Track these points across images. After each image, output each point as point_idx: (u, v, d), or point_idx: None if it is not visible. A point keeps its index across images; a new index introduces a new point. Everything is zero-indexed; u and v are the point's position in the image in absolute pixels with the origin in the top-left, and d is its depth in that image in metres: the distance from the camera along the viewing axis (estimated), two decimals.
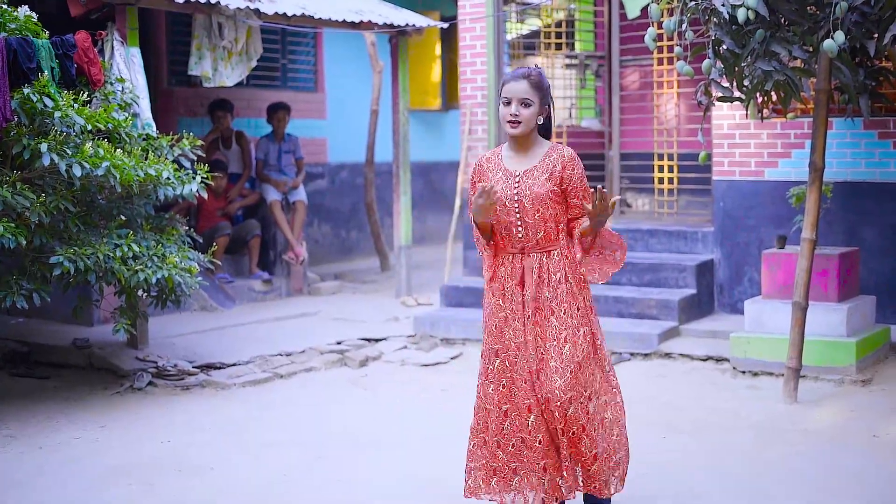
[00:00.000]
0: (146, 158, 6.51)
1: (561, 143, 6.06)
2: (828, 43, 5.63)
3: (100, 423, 6.05)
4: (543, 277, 4.17)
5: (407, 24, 9.25)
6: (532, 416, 4.10)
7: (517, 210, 4.17)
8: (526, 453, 4.12)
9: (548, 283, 4.16)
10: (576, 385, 4.06)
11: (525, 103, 4.14)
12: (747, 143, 8.10)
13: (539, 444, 4.10)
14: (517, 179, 4.19)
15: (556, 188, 4.17)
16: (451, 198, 11.95)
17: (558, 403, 4.03)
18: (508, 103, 4.15)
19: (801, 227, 6.46)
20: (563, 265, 4.18)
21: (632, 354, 7.47)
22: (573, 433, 4.06)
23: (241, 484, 5.00)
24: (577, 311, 4.15)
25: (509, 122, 4.16)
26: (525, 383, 4.12)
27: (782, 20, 6.05)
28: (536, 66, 4.32)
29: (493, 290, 4.24)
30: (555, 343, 4.11)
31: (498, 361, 4.18)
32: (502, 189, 4.18)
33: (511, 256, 4.21)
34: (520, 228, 4.19)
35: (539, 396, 4.08)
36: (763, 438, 5.58)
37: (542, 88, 4.18)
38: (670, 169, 9.23)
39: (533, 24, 11.62)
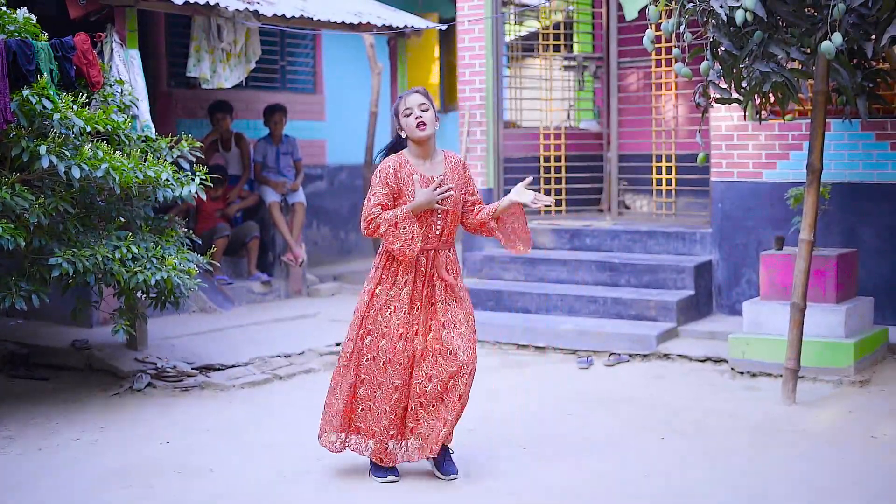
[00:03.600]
0: (145, 160, 6.51)
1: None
2: (825, 44, 5.64)
3: (99, 425, 6.06)
4: (449, 269, 4.95)
5: (405, 26, 9.26)
6: (397, 394, 4.87)
7: (440, 213, 4.93)
8: (384, 420, 4.89)
9: (451, 274, 4.95)
10: (473, 358, 4.90)
11: (423, 108, 4.91)
12: (745, 144, 8.11)
13: (396, 413, 4.90)
14: (438, 184, 4.91)
15: (462, 191, 5.00)
16: None
17: (465, 371, 4.84)
18: (410, 114, 4.90)
19: (799, 229, 6.47)
20: (456, 259, 5.04)
21: (630, 355, 7.48)
22: (458, 397, 4.86)
23: (240, 485, 5.00)
24: (466, 298, 5.01)
25: (418, 125, 4.89)
26: (400, 365, 4.87)
27: (780, 22, 6.06)
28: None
29: (387, 280, 4.92)
30: (455, 325, 4.89)
31: (383, 342, 4.87)
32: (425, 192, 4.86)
33: (421, 252, 4.90)
34: (439, 226, 4.93)
35: (446, 368, 4.84)
36: (761, 439, 5.59)
37: (431, 99, 4.97)
38: (668, 170, 9.24)
39: (531, 25, 11.64)
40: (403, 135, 4.97)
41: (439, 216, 4.91)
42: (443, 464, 5.00)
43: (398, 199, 4.89)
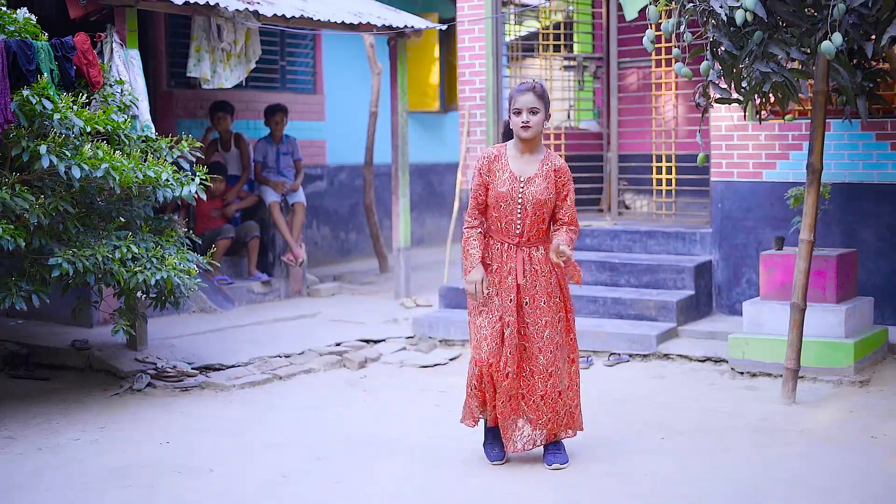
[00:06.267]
0: (145, 160, 6.51)
1: (553, 150, 6.52)
2: (825, 44, 5.65)
3: (99, 425, 6.06)
4: (534, 269, 5.01)
5: (405, 26, 9.26)
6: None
7: (519, 210, 4.97)
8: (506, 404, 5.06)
9: (536, 274, 5.00)
10: (554, 361, 5.01)
11: (533, 111, 4.93)
12: (745, 144, 8.11)
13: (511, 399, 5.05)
14: (522, 184, 4.97)
15: (552, 195, 5.00)
16: (449, 199, 11.98)
17: (542, 374, 4.99)
18: (519, 113, 4.93)
19: (799, 229, 6.48)
20: (547, 260, 5.02)
21: (630, 356, 7.48)
22: (551, 396, 5.03)
23: (240, 485, 5.00)
24: (557, 300, 5.05)
25: (522, 127, 4.93)
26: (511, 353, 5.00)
27: (780, 22, 6.07)
28: (535, 79, 5.20)
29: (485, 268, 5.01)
30: (536, 326, 5.00)
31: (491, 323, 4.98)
32: (508, 190, 4.96)
33: (505, 245, 5.02)
34: (518, 225, 4.98)
35: (524, 367, 5.02)
36: (761, 439, 5.59)
37: (545, 98, 4.98)
38: (668, 170, 9.24)
39: (531, 25, 11.64)
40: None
41: (519, 216, 4.97)
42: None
43: (488, 188, 5.02)
